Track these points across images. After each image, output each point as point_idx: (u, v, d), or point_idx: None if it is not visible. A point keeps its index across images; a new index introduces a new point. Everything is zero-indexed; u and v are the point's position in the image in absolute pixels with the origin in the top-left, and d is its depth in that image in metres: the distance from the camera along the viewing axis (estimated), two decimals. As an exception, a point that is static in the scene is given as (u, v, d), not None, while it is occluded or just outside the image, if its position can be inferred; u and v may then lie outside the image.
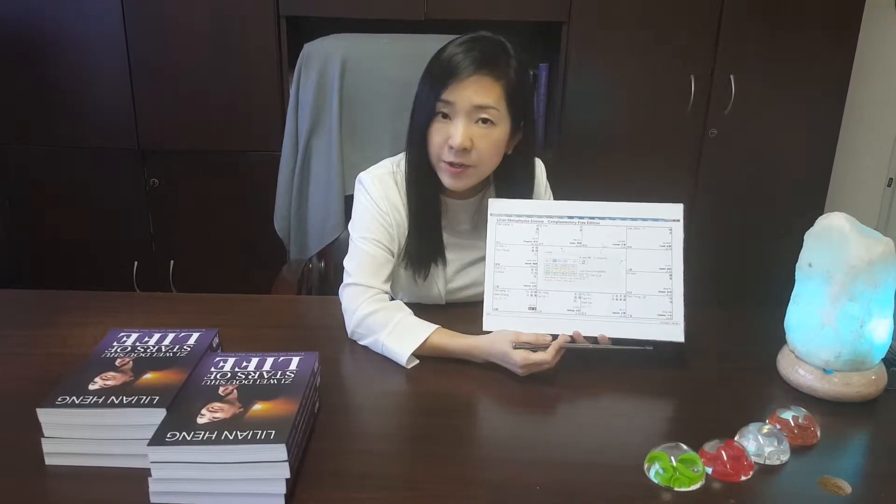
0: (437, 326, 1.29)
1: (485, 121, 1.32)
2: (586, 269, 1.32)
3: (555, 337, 1.24)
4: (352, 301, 1.35)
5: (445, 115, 1.32)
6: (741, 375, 1.28)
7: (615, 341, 1.27)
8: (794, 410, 1.10)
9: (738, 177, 2.61)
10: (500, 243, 1.35)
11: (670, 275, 1.31)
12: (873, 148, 2.96)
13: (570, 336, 1.26)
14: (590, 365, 1.27)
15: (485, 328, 1.31)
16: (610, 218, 1.33)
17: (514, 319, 1.30)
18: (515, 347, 1.22)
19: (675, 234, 1.32)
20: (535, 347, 1.22)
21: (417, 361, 1.28)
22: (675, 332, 1.28)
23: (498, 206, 1.37)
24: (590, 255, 1.32)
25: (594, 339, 1.27)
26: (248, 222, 2.58)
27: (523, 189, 1.46)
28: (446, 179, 1.37)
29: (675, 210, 1.33)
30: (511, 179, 1.44)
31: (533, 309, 1.31)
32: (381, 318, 1.31)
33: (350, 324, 1.34)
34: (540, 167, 1.55)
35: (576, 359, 1.27)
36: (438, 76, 1.31)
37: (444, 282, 1.47)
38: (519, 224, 1.35)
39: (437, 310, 1.44)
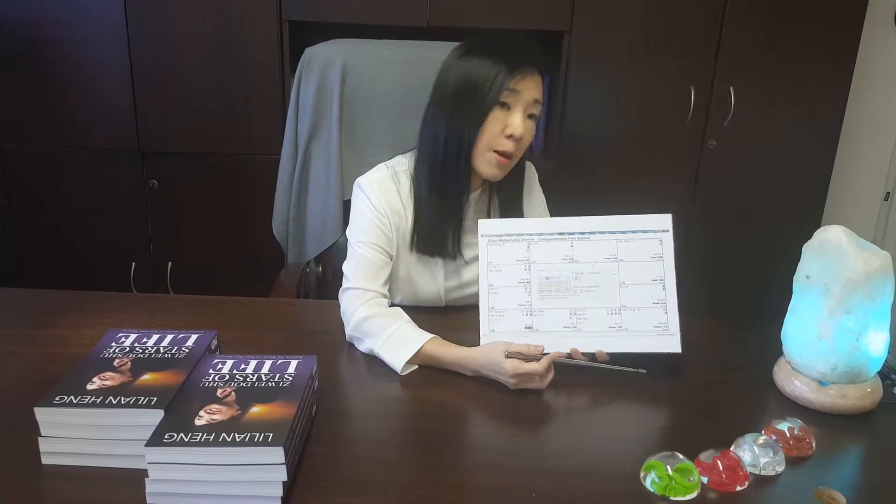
0: (431, 336, 1.29)
1: (531, 115, 1.35)
2: (580, 285, 1.31)
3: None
4: (350, 304, 1.35)
5: (505, 105, 1.33)
6: (738, 386, 1.29)
7: (611, 359, 1.26)
8: (790, 422, 1.10)
9: (737, 188, 2.62)
10: (492, 264, 1.34)
11: (663, 286, 1.30)
12: (871, 161, 2.97)
13: (568, 353, 1.26)
14: (585, 374, 1.27)
15: None
16: (600, 232, 1.33)
17: (512, 339, 1.29)
18: (507, 357, 1.21)
19: (666, 245, 1.31)
20: (526, 358, 1.21)
21: (415, 367, 1.28)
22: (671, 342, 1.28)
23: (488, 227, 1.36)
24: (582, 271, 1.32)
25: (592, 356, 1.27)
26: (246, 225, 2.58)
27: (517, 185, 1.49)
28: (491, 169, 1.37)
29: (664, 220, 1.32)
30: (511, 175, 1.46)
31: (529, 328, 1.31)
32: (378, 325, 1.31)
33: (348, 327, 1.35)
34: (531, 170, 1.57)
35: (571, 370, 1.27)
36: (507, 63, 1.31)
37: (444, 278, 1.47)
38: (510, 243, 1.34)
39: (436, 313, 1.44)
